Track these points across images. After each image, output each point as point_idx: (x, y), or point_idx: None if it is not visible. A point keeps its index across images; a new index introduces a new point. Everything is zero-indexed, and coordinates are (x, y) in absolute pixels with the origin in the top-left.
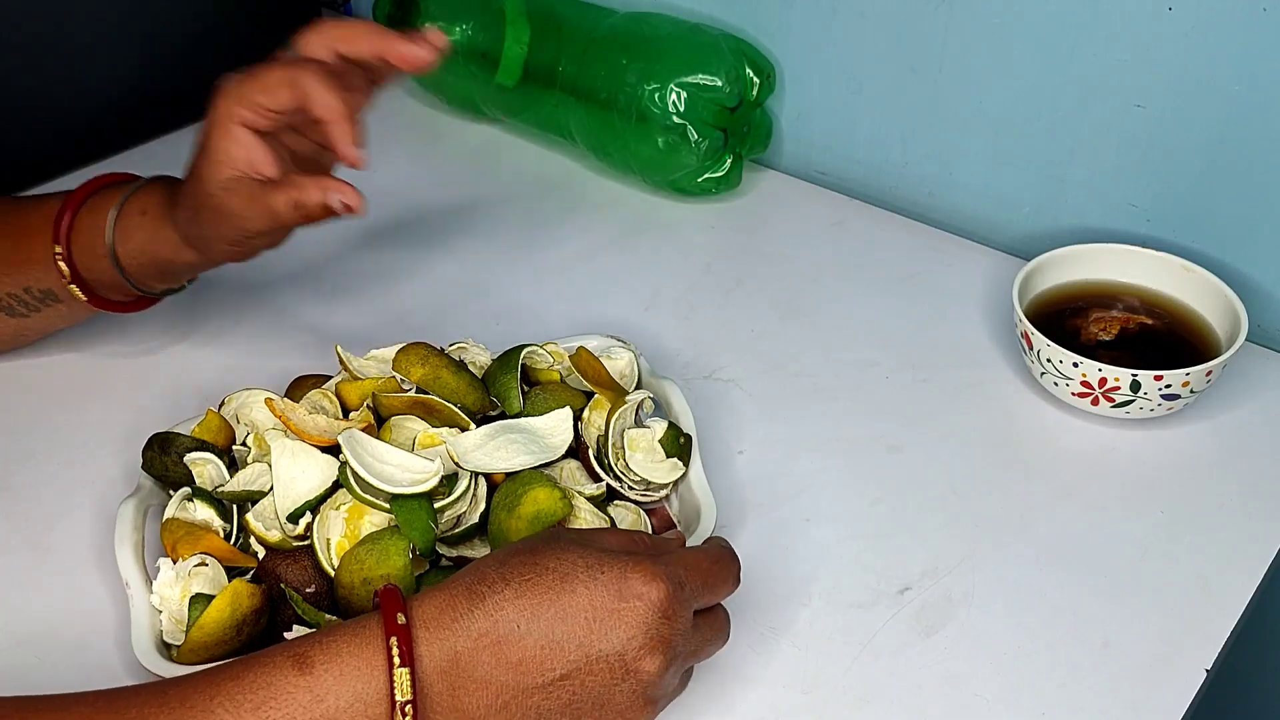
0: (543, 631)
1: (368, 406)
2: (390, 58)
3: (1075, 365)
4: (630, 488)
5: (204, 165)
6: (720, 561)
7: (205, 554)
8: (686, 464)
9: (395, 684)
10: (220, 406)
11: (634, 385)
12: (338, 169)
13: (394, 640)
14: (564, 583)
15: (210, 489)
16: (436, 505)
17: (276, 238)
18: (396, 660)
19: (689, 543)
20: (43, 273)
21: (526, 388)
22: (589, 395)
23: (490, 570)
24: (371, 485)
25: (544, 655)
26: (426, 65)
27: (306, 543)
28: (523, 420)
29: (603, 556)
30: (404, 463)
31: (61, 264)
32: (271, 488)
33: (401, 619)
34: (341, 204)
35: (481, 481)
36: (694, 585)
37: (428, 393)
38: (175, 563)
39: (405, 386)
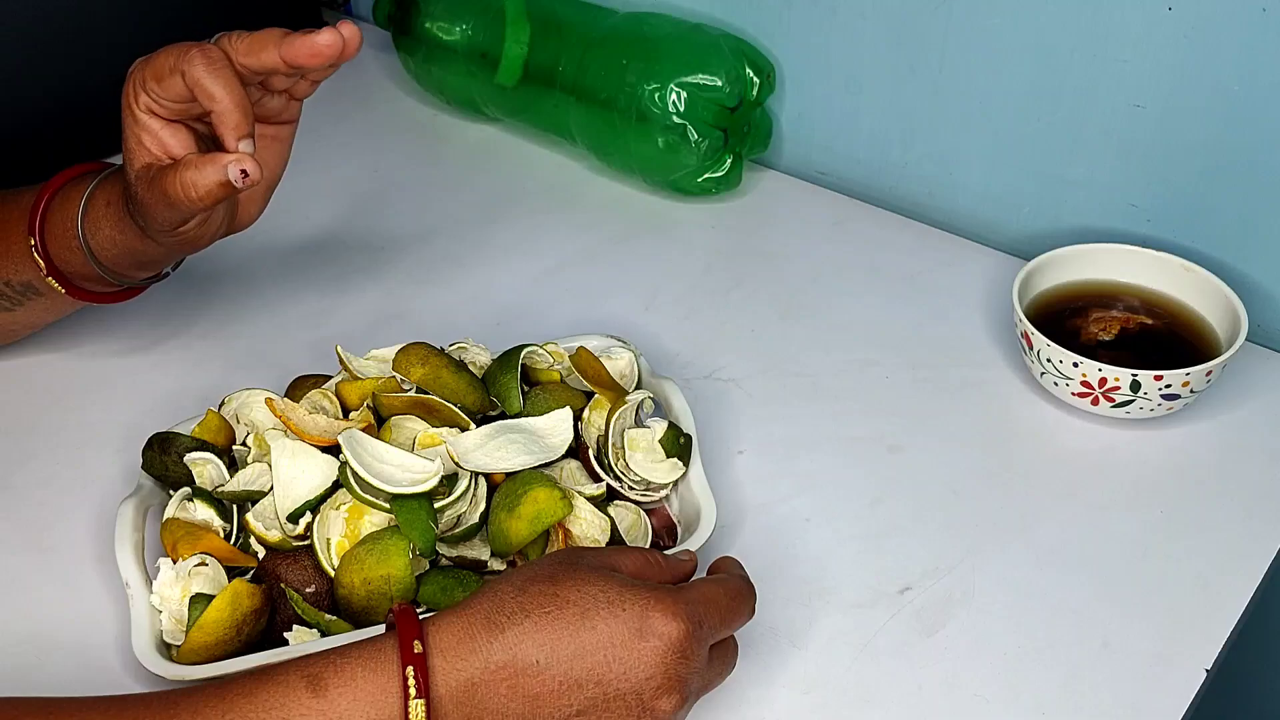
0: (561, 668)
1: (368, 406)
2: (296, 60)
3: (1075, 365)
4: (630, 488)
5: (125, 155)
6: (738, 597)
7: (205, 554)
8: (686, 464)
9: (410, 714)
10: (220, 406)
11: (634, 385)
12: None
13: (410, 670)
14: (584, 618)
15: (210, 489)
16: (436, 505)
17: (204, 221)
18: (413, 691)
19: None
20: (21, 264)
21: (526, 388)
22: (589, 395)
23: (509, 598)
24: (371, 485)
25: (561, 691)
26: (333, 56)
27: (306, 543)
28: (523, 420)
29: (623, 590)
30: (404, 463)
31: (37, 256)
32: (271, 488)
33: (418, 647)
34: (239, 173)
35: (481, 481)
36: (712, 623)
37: (428, 393)
38: (175, 563)
39: (405, 386)
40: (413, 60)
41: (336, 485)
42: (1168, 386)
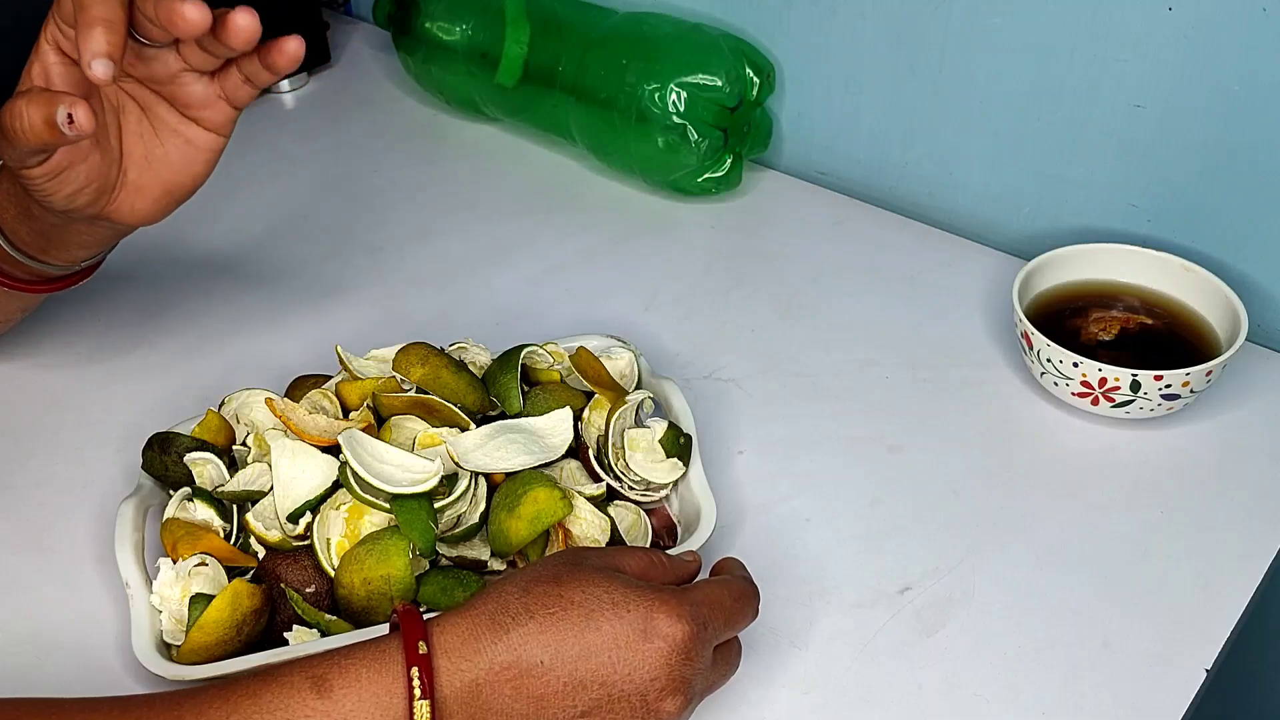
0: (566, 669)
1: (368, 406)
2: (161, 20)
3: (1075, 365)
4: (630, 488)
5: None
6: (742, 598)
7: (205, 554)
8: (686, 464)
9: (415, 715)
10: (220, 406)
11: (634, 385)
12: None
13: (415, 671)
14: (589, 619)
15: (210, 489)
16: (436, 505)
17: (52, 175)
18: (418, 692)
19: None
20: None
21: (526, 388)
22: (589, 395)
23: (514, 599)
24: (371, 485)
25: (566, 692)
26: (195, 30)
27: (306, 543)
28: (523, 420)
29: (628, 591)
30: (404, 463)
31: None
32: (271, 488)
33: (423, 648)
34: (66, 116)
35: (481, 481)
36: (716, 624)
37: (428, 393)
38: (175, 563)
39: (405, 386)
40: (413, 60)
41: (336, 485)
42: (1168, 386)
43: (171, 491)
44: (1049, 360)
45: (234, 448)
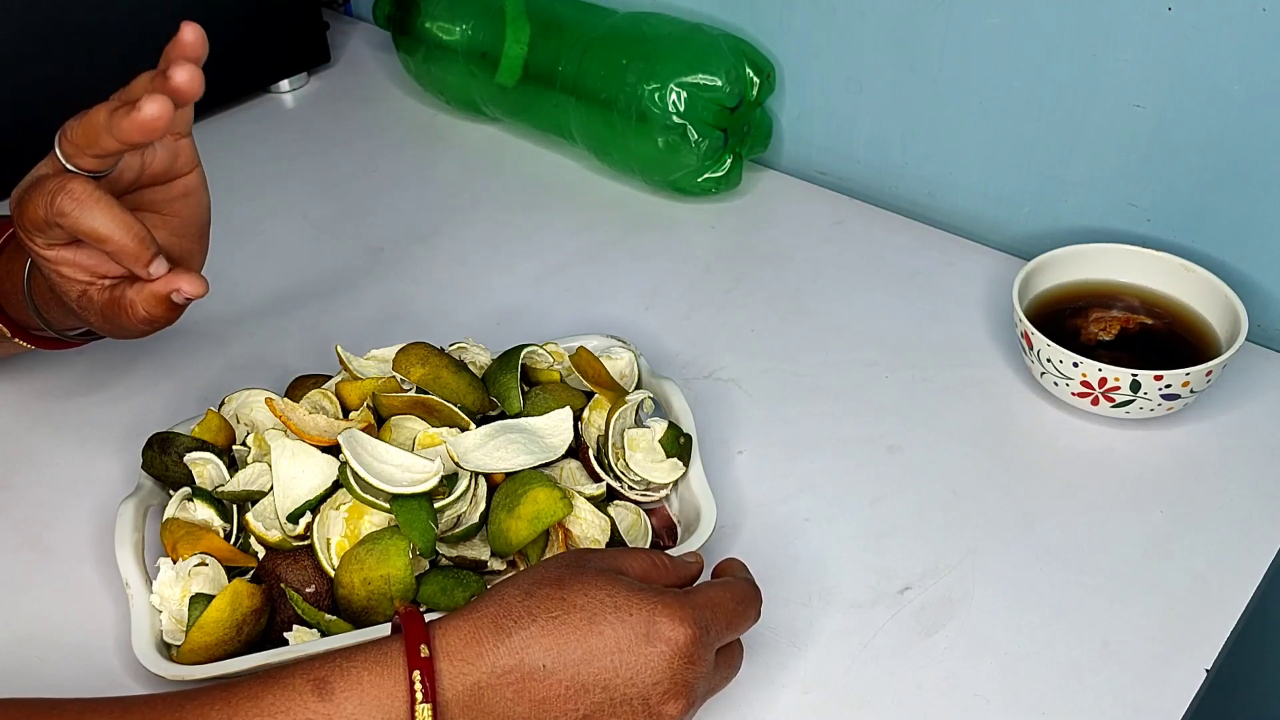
0: (568, 673)
1: (368, 406)
2: (130, 141)
3: (1075, 365)
4: (630, 488)
5: (56, 289)
6: (745, 600)
7: (205, 554)
8: (686, 464)
9: (417, 718)
10: (220, 406)
11: (634, 385)
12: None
13: (417, 674)
14: (591, 623)
15: (210, 489)
16: (436, 505)
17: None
18: (419, 695)
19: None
20: None
21: (526, 388)
22: (589, 395)
23: (516, 602)
24: (371, 485)
25: (568, 695)
26: (163, 125)
27: (306, 543)
28: (523, 420)
29: (630, 595)
30: (404, 463)
31: None
32: (271, 488)
33: (425, 651)
34: (183, 297)
35: (481, 481)
36: (718, 627)
37: (428, 393)
38: (175, 563)
39: (405, 386)
40: (413, 60)
41: (336, 485)
42: (1168, 386)
43: (171, 491)
44: (1049, 360)
45: (234, 448)
